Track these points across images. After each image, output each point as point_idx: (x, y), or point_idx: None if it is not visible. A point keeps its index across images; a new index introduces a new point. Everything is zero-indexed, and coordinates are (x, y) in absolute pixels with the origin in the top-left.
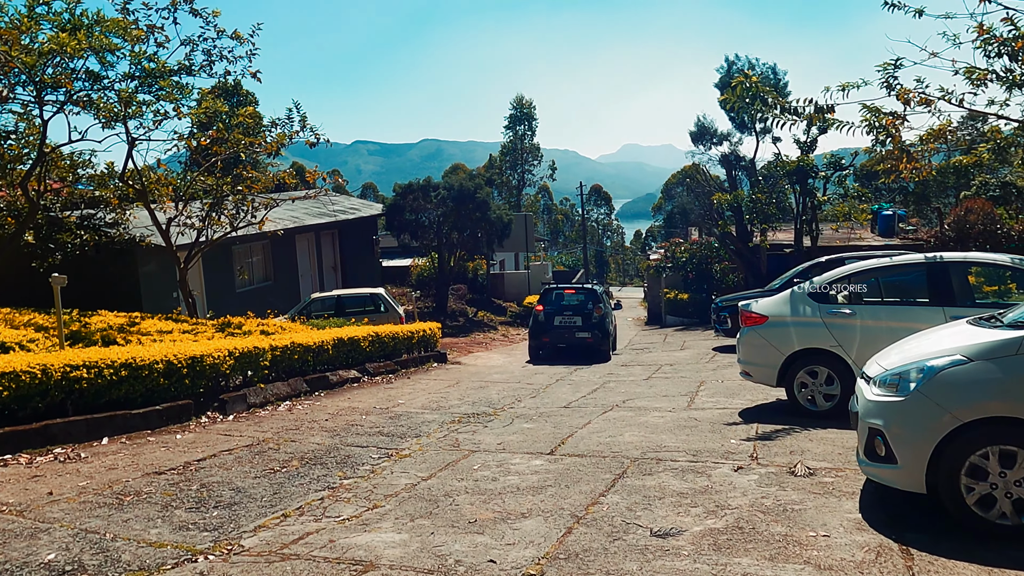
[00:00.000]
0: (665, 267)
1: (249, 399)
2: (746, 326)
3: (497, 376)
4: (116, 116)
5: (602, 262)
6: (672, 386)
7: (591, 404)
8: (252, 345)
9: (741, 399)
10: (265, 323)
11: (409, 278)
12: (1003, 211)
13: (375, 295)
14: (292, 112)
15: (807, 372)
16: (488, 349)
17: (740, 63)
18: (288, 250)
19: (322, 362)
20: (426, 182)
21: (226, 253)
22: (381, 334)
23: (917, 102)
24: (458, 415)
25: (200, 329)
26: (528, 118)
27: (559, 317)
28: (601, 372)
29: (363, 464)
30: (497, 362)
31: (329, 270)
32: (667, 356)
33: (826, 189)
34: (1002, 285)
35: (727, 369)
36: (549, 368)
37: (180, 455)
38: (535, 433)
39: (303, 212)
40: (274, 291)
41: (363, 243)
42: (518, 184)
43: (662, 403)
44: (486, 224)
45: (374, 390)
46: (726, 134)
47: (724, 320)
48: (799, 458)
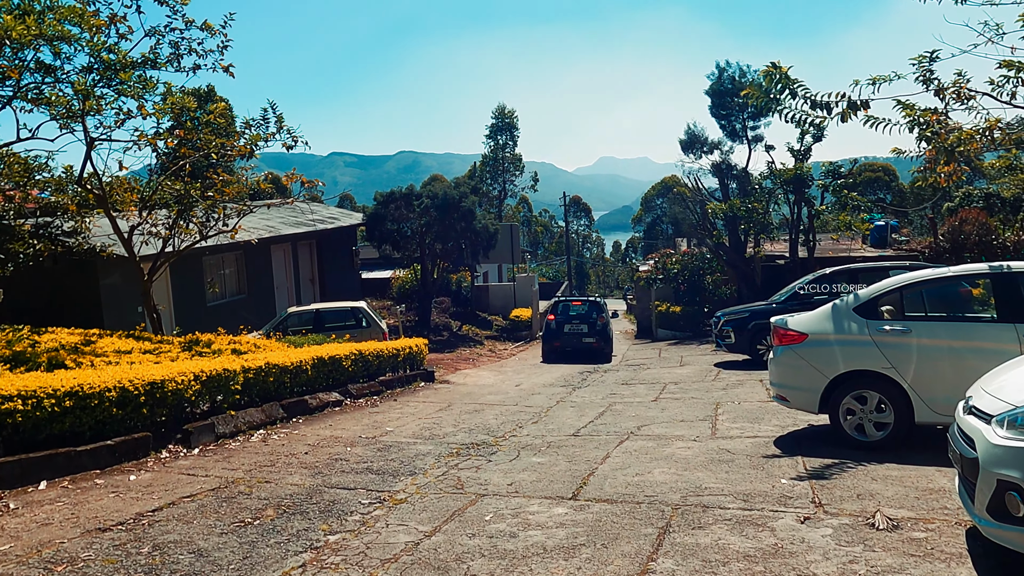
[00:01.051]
0: (656, 279)
1: (217, 429)
2: (781, 345)
3: (491, 397)
4: (72, 113)
5: (582, 274)
6: (686, 409)
7: (603, 432)
8: (221, 367)
9: (768, 425)
10: (237, 340)
11: (390, 290)
12: (997, 221)
13: (356, 309)
14: (267, 113)
15: (854, 397)
16: (476, 366)
17: (731, 69)
18: (263, 261)
19: (300, 384)
20: (408, 190)
21: (196, 264)
22: (364, 352)
23: (957, 98)
24: (455, 446)
25: (164, 348)
26: (510, 128)
27: (568, 325)
28: (602, 392)
29: (351, 513)
30: (488, 380)
31: (307, 282)
32: (668, 373)
33: (823, 199)
34: None
35: (738, 388)
36: (547, 389)
37: (132, 503)
38: (549, 470)
39: (279, 221)
40: (248, 305)
41: (342, 254)
42: (499, 195)
43: (682, 430)
44: (471, 234)
45: (358, 415)
46: (717, 142)
47: (727, 335)
48: (873, 505)
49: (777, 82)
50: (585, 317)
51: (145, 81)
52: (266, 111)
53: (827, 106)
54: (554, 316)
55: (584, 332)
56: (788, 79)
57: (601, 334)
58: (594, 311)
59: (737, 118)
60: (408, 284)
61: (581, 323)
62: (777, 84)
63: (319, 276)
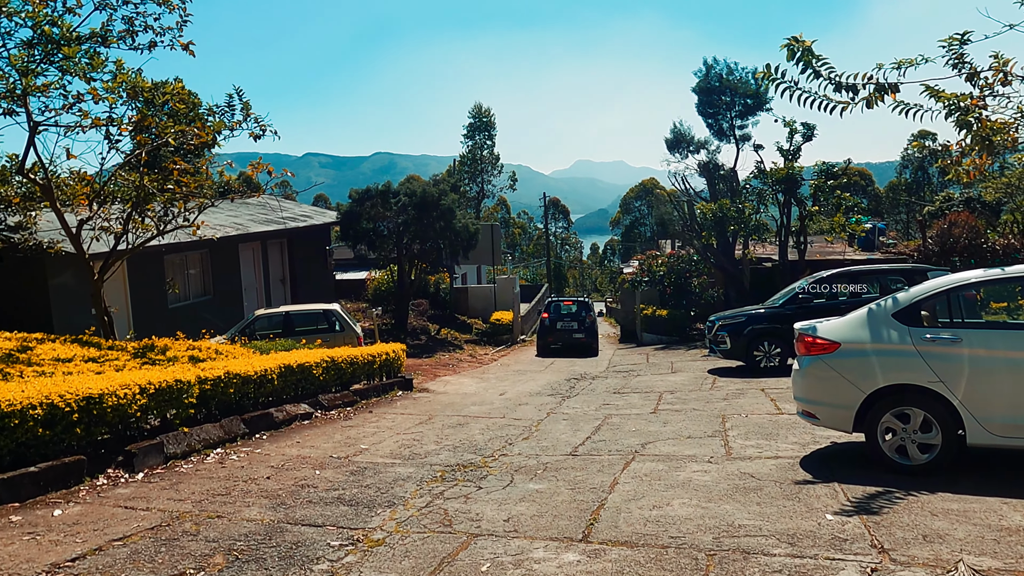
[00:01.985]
0: (641, 281)
1: (167, 448)
2: (809, 355)
3: (475, 409)
4: (14, 95)
5: (560, 276)
6: (691, 423)
7: (604, 450)
8: (173, 377)
9: (785, 442)
10: (197, 346)
11: (365, 292)
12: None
13: (329, 312)
14: (232, 100)
15: (895, 415)
16: (456, 372)
17: (719, 67)
18: (230, 261)
19: (265, 395)
20: (385, 187)
21: (157, 263)
22: (337, 359)
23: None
24: (439, 467)
25: (111, 356)
26: (487, 127)
27: (560, 322)
28: (594, 402)
29: (318, 560)
30: (470, 389)
31: (277, 283)
32: (661, 381)
33: (816, 199)
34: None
35: (741, 399)
36: (535, 398)
37: (48, 550)
38: (550, 500)
39: (248, 218)
40: (214, 307)
41: (315, 254)
42: (477, 195)
43: (692, 448)
44: (451, 234)
45: (330, 430)
46: (703, 142)
47: (722, 340)
48: (947, 550)
49: (799, 59)
50: (575, 316)
51: (92, 57)
52: (231, 97)
53: (853, 88)
54: (548, 315)
55: (574, 329)
56: (812, 55)
57: (589, 331)
58: (583, 310)
59: (724, 116)
60: (384, 286)
61: (572, 320)
62: (798, 61)
63: (291, 277)
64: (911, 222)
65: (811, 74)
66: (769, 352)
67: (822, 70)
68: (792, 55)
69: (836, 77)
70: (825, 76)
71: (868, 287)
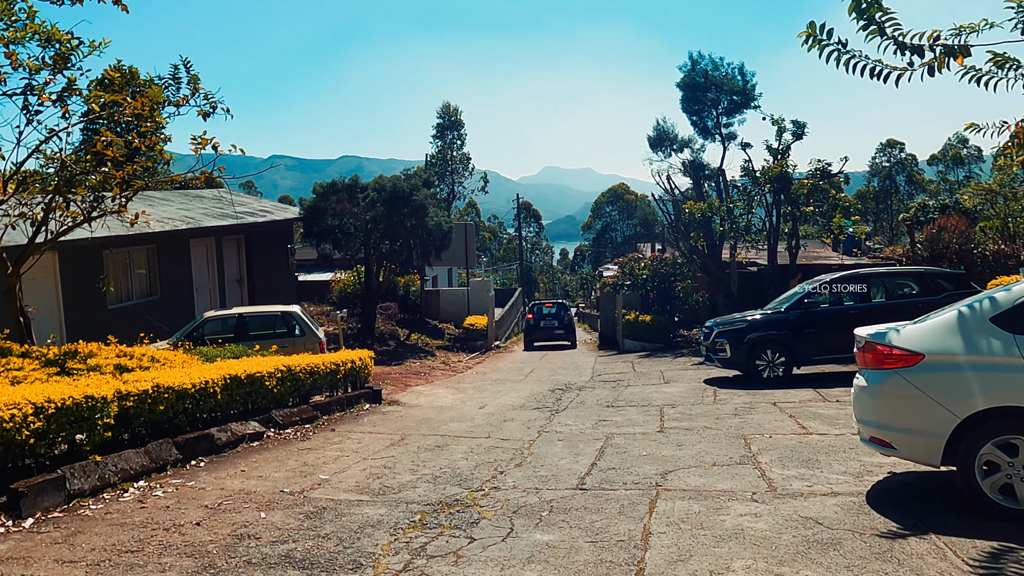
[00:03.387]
0: (623, 284)
1: (71, 484)
2: (883, 368)
3: (454, 425)
4: None
5: (529, 281)
6: (708, 445)
7: (617, 482)
8: (83, 393)
9: (831, 471)
10: (129, 352)
11: (330, 295)
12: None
13: (289, 314)
14: (178, 71)
15: (999, 445)
16: (429, 382)
17: (704, 62)
18: (180, 258)
19: (207, 411)
20: (352, 181)
21: (95, 259)
22: (295, 368)
23: None
24: (418, 507)
25: (15, 365)
26: (457, 126)
27: (543, 321)
28: (588, 418)
29: None
30: (446, 401)
31: (233, 283)
32: (657, 393)
33: (810, 200)
34: None
35: (753, 414)
36: (520, 412)
37: None
38: (568, 561)
39: (201, 212)
40: (161, 308)
41: (276, 252)
42: (448, 197)
43: (724, 480)
44: (423, 232)
45: (283, 453)
46: (687, 140)
47: (721, 348)
48: None
49: (865, 10)
50: (556, 315)
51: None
52: (176, 68)
53: (918, 50)
54: (532, 315)
55: (555, 326)
56: (880, 7)
57: (567, 328)
58: (562, 311)
59: (709, 114)
60: (351, 288)
61: (552, 319)
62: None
63: (248, 277)
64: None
65: (872, 31)
66: (772, 361)
67: (887, 27)
68: (857, 6)
69: (901, 36)
70: (889, 35)
71: (877, 291)
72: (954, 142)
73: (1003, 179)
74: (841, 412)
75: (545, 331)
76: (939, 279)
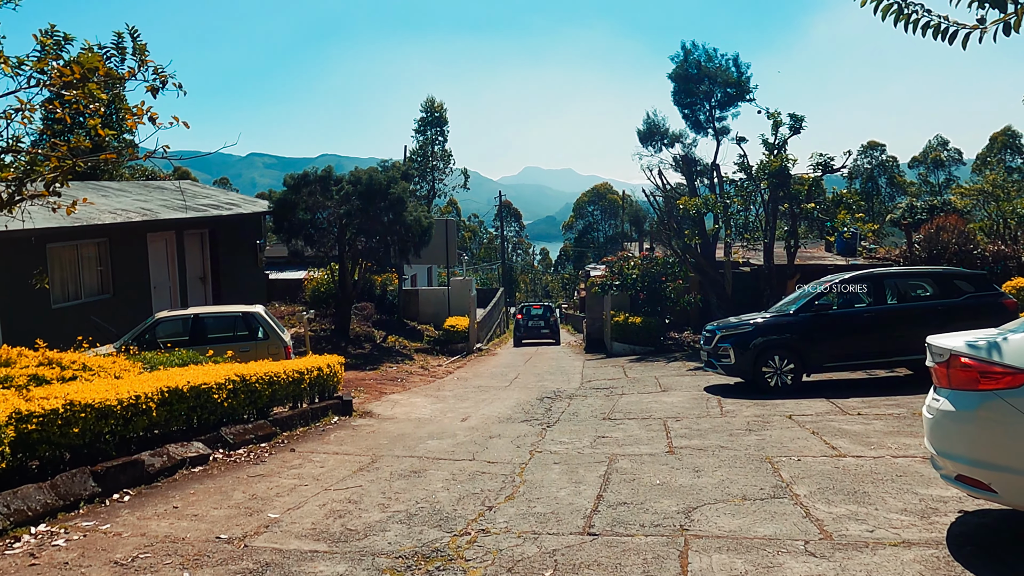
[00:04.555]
0: (611, 284)
1: None
2: (978, 389)
3: (433, 444)
4: None
5: (511, 281)
6: (729, 470)
7: (632, 522)
8: None
9: (886, 508)
10: (58, 359)
11: (303, 294)
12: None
13: (251, 315)
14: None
15: None
16: (406, 389)
17: (697, 52)
18: (137, 253)
19: (138, 431)
20: (326, 172)
21: (37, 253)
22: (250, 377)
23: None
24: (386, 565)
25: None
26: (440, 122)
27: (531, 321)
28: (585, 433)
29: None
30: (424, 412)
31: (195, 281)
32: (655, 403)
33: (811, 195)
34: None
35: (770, 430)
36: (507, 426)
37: None
38: None
39: (160, 204)
40: (114, 308)
41: (244, 249)
42: (428, 194)
43: (761, 519)
44: (401, 228)
45: (229, 482)
46: (678, 134)
47: (724, 353)
48: None
49: None
50: (541, 316)
51: None
52: (120, 37)
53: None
54: (521, 316)
55: (541, 326)
56: None
57: (552, 327)
58: (547, 312)
59: (702, 108)
60: (324, 287)
61: (539, 320)
62: None
63: (213, 274)
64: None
65: None
66: (781, 368)
67: None
68: None
69: None
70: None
71: (891, 293)
72: (935, 145)
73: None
74: (869, 428)
75: (533, 330)
76: (959, 280)
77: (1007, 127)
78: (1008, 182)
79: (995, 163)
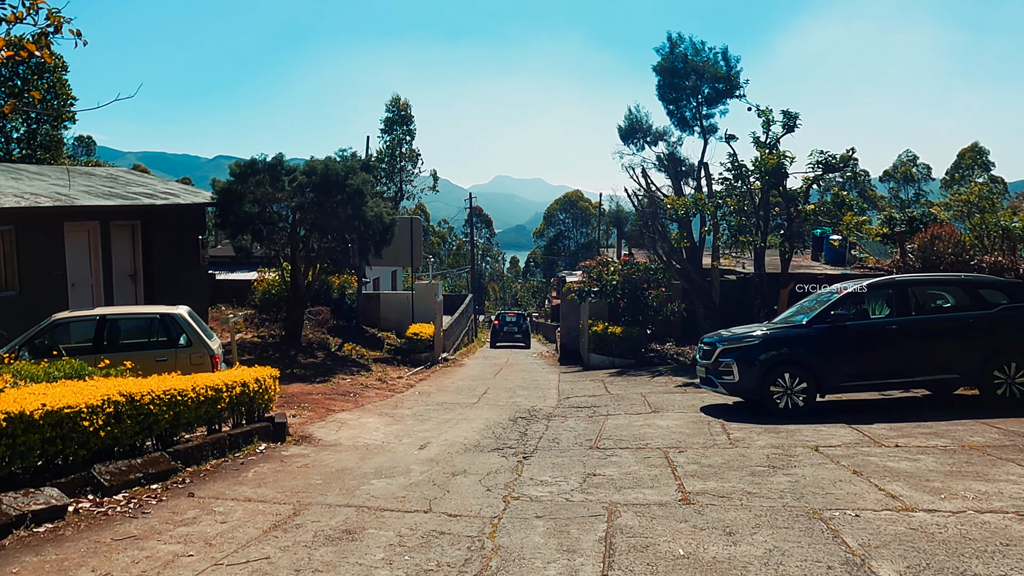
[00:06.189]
0: (590, 291)
1: None
2: None
3: (380, 485)
4: None
5: (480, 288)
6: (772, 531)
7: None
8: None
9: None
10: None
11: (253, 297)
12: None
13: (170, 318)
14: None
15: None
16: (358, 405)
17: (683, 45)
18: (51, 245)
19: None
20: (276, 160)
21: None
22: (140, 397)
23: None
24: None
25: None
26: (406, 120)
27: (506, 327)
28: (573, 470)
29: None
30: (374, 437)
31: (124, 279)
32: (648, 427)
33: (807, 197)
34: None
35: (798, 468)
36: (474, 457)
37: None
38: None
39: (82, 189)
40: (20, 306)
41: (184, 244)
42: (396, 196)
43: None
44: (360, 224)
45: (76, 555)
46: (663, 132)
47: (726, 369)
48: None
49: None
50: (515, 323)
51: None
52: None
53: None
54: (498, 322)
55: (515, 332)
56: None
57: (524, 333)
58: (521, 320)
59: (688, 104)
60: (275, 289)
61: (513, 326)
62: None
63: (145, 272)
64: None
65: None
66: (792, 387)
67: None
68: None
69: None
70: None
71: (912, 303)
72: (904, 160)
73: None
74: (920, 467)
75: (507, 335)
76: (991, 288)
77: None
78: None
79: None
